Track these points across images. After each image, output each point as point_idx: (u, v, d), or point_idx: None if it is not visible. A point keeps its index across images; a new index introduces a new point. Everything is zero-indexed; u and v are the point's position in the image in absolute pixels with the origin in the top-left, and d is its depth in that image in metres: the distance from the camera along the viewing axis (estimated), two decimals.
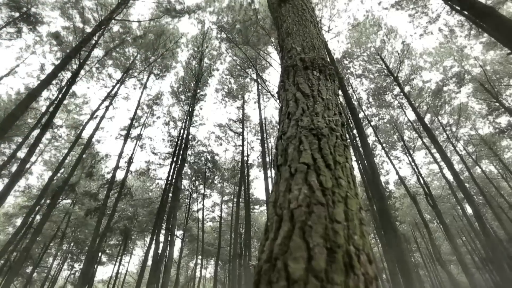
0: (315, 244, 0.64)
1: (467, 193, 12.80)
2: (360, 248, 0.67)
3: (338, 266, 0.61)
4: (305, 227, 0.67)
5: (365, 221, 0.78)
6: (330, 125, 1.02)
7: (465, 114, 24.24)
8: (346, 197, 0.77)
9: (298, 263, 0.61)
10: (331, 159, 0.87)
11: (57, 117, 22.61)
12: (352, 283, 0.59)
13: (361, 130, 11.84)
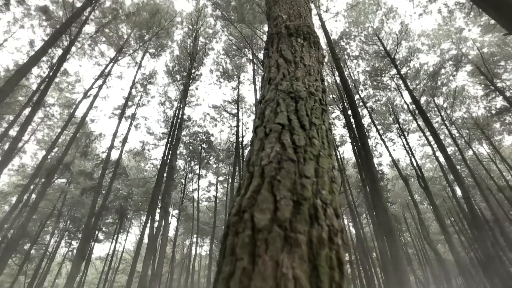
0: (282, 197, 0.65)
1: (457, 175, 13.05)
2: (328, 203, 0.68)
3: (303, 217, 0.62)
4: (274, 181, 0.68)
5: (337, 179, 0.79)
6: (310, 90, 1.02)
7: (461, 97, 24.28)
8: (318, 155, 0.78)
9: (264, 214, 0.63)
10: (306, 121, 0.87)
11: (49, 96, 22.20)
12: (316, 232, 0.61)
13: (356, 112, 11.84)
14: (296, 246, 0.57)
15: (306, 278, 0.54)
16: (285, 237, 0.59)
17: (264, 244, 0.58)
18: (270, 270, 0.54)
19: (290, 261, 0.55)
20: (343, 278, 0.59)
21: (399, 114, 25.85)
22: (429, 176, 28.80)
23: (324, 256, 0.58)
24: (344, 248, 0.67)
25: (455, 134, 25.38)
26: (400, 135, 24.68)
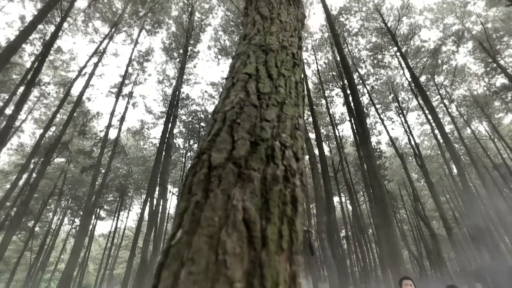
0: (240, 138, 0.65)
1: (454, 152, 13.14)
2: (287, 145, 0.69)
3: (259, 156, 0.63)
4: (234, 124, 0.69)
5: (301, 127, 0.79)
6: (283, 44, 1.00)
7: (461, 75, 23.98)
8: (282, 103, 0.78)
9: (221, 153, 0.64)
10: (275, 71, 0.86)
11: (44, 74, 21.84)
12: (271, 170, 0.62)
13: (354, 89, 11.73)
14: (249, 182, 0.58)
15: (256, 210, 0.56)
16: (239, 173, 0.60)
17: (217, 179, 0.59)
18: (220, 202, 0.56)
19: (241, 195, 0.56)
20: (296, 214, 0.61)
21: (398, 93, 25.63)
22: (426, 154, 28.98)
23: (277, 191, 0.59)
24: (302, 188, 0.68)
25: (454, 112, 25.30)
26: (399, 114, 24.61)
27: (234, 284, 0.46)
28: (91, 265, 41.17)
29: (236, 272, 0.47)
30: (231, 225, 0.52)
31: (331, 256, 9.84)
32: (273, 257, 0.52)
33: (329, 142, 30.06)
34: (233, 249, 0.50)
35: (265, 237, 0.52)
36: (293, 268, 0.55)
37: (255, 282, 0.47)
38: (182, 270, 0.49)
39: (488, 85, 23.18)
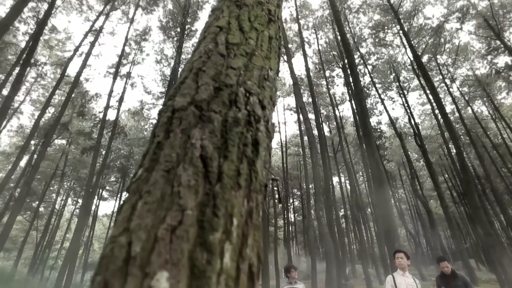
0: (203, 83, 0.66)
1: (453, 131, 13.12)
2: (252, 92, 0.69)
3: (221, 99, 0.64)
4: (199, 72, 0.69)
5: (272, 79, 0.80)
6: (260, 0, 0.99)
7: (464, 54, 23.54)
8: (252, 54, 0.78)
9: (184, 98, 0.64)
10: (247, 25, 0.85)
11: (40, 54, 21.51)
12: (233, 113, 0.63)
13: (353, 67, 11.56)
14: (209, 122, 0.60)
15: (214, 148, 0.57)
16: (200, 116, 0.61)
17: (178, 121, 0.60)
18: (180, 141, 0.57)
19: (200, 134, 0.58)
20: (257, 156, 0.63)
21: (400, 72, 25.26)
22: (426, 134, 28.95)
23: (237, 133, 0.61)
24: (267, 135, 0.69)
25: (455, 92, 25.03)
26: (400, 94, 24.38)
27: (185, 211, 0.48)
28: (96, 244, 42.28)
29: (189, 202, 0.49)
30: (188, 161, 0.54)
31: (328, 233, 10.07)
32: (229, 191, 0.53)
33: (329, 123, 30.00)
34: (187, 182, 0.51)
35: (221, 172, 0.54)
36: (251, 204, 0.57)
37: (208, 211, 0.49)
38: (139, 201, 0.51)
39: (491, 64, 22.78)
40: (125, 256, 0.44)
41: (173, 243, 0.45)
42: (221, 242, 0.48)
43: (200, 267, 0.44)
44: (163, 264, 0.43)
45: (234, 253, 0.49)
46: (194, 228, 0.47)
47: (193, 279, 0.43)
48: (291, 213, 37.46)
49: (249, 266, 0.52)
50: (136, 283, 0.41)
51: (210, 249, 0.46)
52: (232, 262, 0.48)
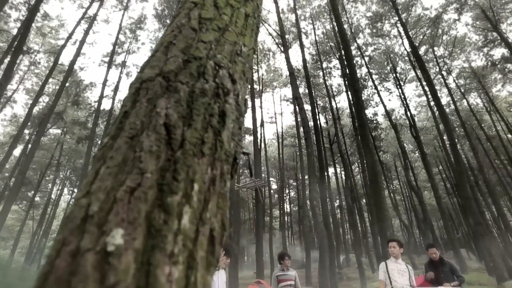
0: (172, 55, 0.67)
1: (447, 122, 13.21)
2: (223, 66, 0.70)
3: (189, 71, 0.65)
4: (170, 45, 0.70)
5: (245, 55, 0.80)
6: None
7: (461, 46, 23.50)
8: (225, 29, 0.78)
9: (153, 69, 0.65)
10: (222, 1, 0.86)
11: (33, 42, 21.13)
12: (200, 85, 0.64)
13: (350, 57, 11.51)
14: (175, 93, 0.61)
15: (179, 117, 0.58)
16: (167, 86, 0.62)
17: (145, 91, 0.61)
18: (145, 110, 0.58)
19: (166, 103, 0.59)
20: (223, 126, 0.64)
21: (397, 63, 25.21)
22: (422, 125, 29.11)
23: (203, 103, 0.62)
24: (237, 108, 0.70)
25: (451, 84, 25.08)
26: (397, 85, 24.39)
27: (145, 174, 0.49)
28: None
29: (150, 166, 0.51)
30: (152, 128, 0.55)
31: (321, 222, 10.20)
32: (191, 158, 0.55)
33: (325, 114, 30.00)
34: (149, 147, 0.53)
35: (184, 139, 0.55)
36: (214, 172, 0.58)
37: (168, 175, 0.51)
38: (102, 167, 0.53)
39: (487, 56, 22.80)
40: (83, 216, 0.46)
41: (131, 203, 0.46)
42: (180, 205, 0.49)
43: (156, 227, 0.46)
44: (119, 222, 0.44)
45: (194, 216, 0.51)
46: (153, 191, 0.49)
47: (149, 237, 0.45)
48: (286, 204, 37.76)
49: (210, 230, 0.54)
50: (92, 239, 0.43)
51: (168, 210, 0.47)
52: (191, 224, 0.50)
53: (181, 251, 0.47)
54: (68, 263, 0.42)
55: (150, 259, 0.43)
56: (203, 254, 0.50)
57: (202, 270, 0.49)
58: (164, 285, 0.42)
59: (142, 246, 0.43)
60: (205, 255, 0.51)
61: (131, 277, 0.41)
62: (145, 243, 0.44)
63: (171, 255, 0.45)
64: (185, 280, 0.46)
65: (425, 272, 5.41)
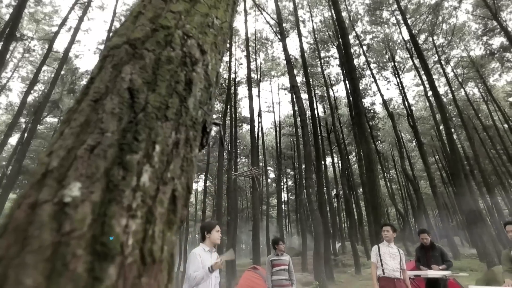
0: (140, 24, 0.67)
1: (443, 111, 13.24)
2: (191, 36, 0.71)
3: (156, 39, 0.66)
4: (139, 15, 0.70)
5: (217, 27, 0.81)
6: None
7: (460, 34, 23.32)
8: (196, 1, 0.79)
9: (120, 38, 0.66)
10: None
11: (26, 28, 20.77)
12: (167, 53, 0.65)
13: (347, 45, 11.42)
14: (141, 59, 0.62)
15: (144, 83, 0.59)
16: (133, 53, 0.63)
17: (111, 57, 0.62)
18: (110, 75, 0.59)
19: (131, 69, 0.60)
20: (189, 94, 0.65)
21: (395, 52, 25.04)
22: (420, 115, 29.16)
23: (169, 70, 0.63)
24: (205, 78, 0.72)
25: (449, 73, 25.00)
26: (395, 74, 24.29)
27: (106, 134, 0.51)
28: None
29: (111, 127, 0.52)
30: (116, 92, 0.57)
31: (317, 210, 10.32)
32: (153, 121, 0.56)
33: (323, 103, 29.93)
34: (111, 109, 0.54)
35: (147, 103, 0.57)
36: (178, 136, 0.60)
37: (128, 135, 0.53)
38: (66, 128, 0.54)
39: (486, 45, 22.66)
40: (44, 171, 0.48)
41: (90, 160, 0.48)
42: (140, 164, 0.51)
43: (115, 182, 0.48)
44: (78, 177, 0.46)
45: (155, 175, 0.53)
46: (113, 149, 0.50)
47: (107, 192, 0.47)
48: (284, 192, 38.05)
49: (172, 190, 0.56)
50: (50, 192, 0.45)
51: (127, 168, 0.49)
52: (152, 183, 0.52)
53: (140, 207, 0.49)
54: (26, 214, 0.44)
55: (107, 211, 0.45)
56: (163, 211, 0.53)
57: (161, 225, 0.52)
58: (120, 234, 0.44)
59: (100, 199, 0.46)
60: (166, 212, 0.54)
61: (87, 226, 0.43)
62: (103, 196, 0.46)
63: (129, 209, 0.47)
64: (143, 233, 0.48)
65: (415, 256, 5.55)
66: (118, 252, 0.43)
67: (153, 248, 0.49)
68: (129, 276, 0.44)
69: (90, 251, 0.42)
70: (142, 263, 0.47)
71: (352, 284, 11.22)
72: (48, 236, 0.41)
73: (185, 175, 0.61)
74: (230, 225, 16.00)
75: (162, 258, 0.51)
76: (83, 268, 0.40)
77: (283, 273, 4.96)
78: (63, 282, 0.38)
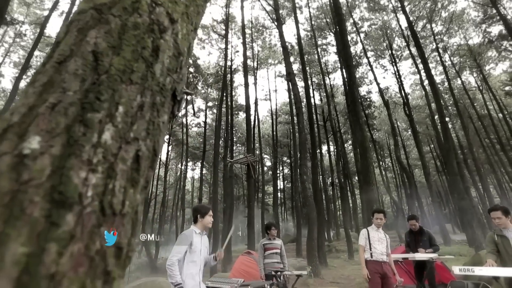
0: None
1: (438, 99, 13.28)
2: (160, 4, 0.72)
3: (122, 5, 0.66)
4: None
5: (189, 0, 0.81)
6: None
7: (459, 22, 23.14)
8: None
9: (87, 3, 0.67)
10: None
11: (17, 12, 20.28)
12: (133, 19, 0.65)
13: (344, 32, 11.32)
14: (106, 24, 0.62)
15: (109, 46, 0.61)
16: (99, 18, 0.64)
17: (77, 22, 0.63)
18: (75, 39, 0.60)
19: (96, 33, 0.61)
20: (156, 59, 0.66)
21: (393, 40, 24.86)
22: (416, 104, 29.22)
23: (135, 36, 0.64)
24: (175, 46, 0.73)
25: (446, 62, 24.93)
26: (392, 62, 24.19)
27: (67, 92, 0.53)
28: None
29: (73, 86, 0.54)
30: (80, 54, 0.58)
31: (311, 196, 10.44)
32: (117, 83, 0.58)
33: (320, 91, 29.84)
34: (74, 71, 0.56)
35: (111, 66, 0.58)
36: (143, 99, 0.62)
37: (91, 95, 0.54)
38: (29, 87, 0.56)
39: (484, 33, 22.54)
40: (5, 126, 0.50)
41: (51, 116, 0.50)
42: (102, 122, 0.53)
43: (75, 138, 0.49)
44: (38, 131, 0.48)
45: (118, 134, 0.55)
46: (75, 107, 0.52)
47: (67, 146, 0.49)
48: (280, 180, 38.34)
49: (136, 150, 0.58)
50: (10, 145, 0.47)
51: (87, 125, 0.51)
52: (114, 141, 0.54)
53: (101, 162, 0.51)
54: None
55: (66, 164, 0.47)
56: (125, 168, 0.55)
57: (122, 181, 0.54)
58: (78, 185, 0.47)
59: (60, 153, 0.48)
60: (128, 170, 0.56)
61: (45, 176, 0.45)
62: (63, 151, 0.48)
63: (89, 163, 0.49)
64: (104, 187, 0.50)
65: (405, 240, 5.70)
66: (76, 201, 0.46)
67: (113, 201, 0.51)
68: (88, 224, 0.46)
69: (48, 199, 0.44)
70: (102, 214, 0.49)
71: (344, 268, 11.48)
72: (7, 184, 0.43)
73: (151, 138, 0.63)
74: (226, 212, 16.17)
75: (124, 212, 0.54)
76: (40, 213, 0.43)
77: (275, 256, 5.08)
78: (19, 225, 0.41)
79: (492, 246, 3.24)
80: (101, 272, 0.47)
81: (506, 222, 3.12)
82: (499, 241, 3.17)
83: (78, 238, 0.45)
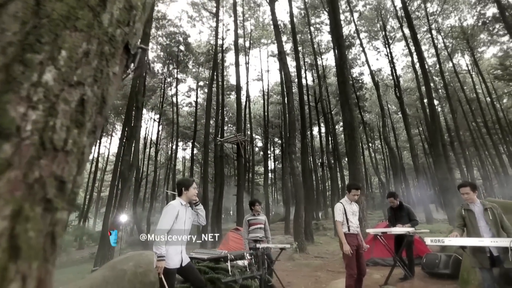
0: None
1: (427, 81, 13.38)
2: None
3: None
4: None
5: None
6: None
7: (454, 2, 22.93)
8: None
9: None
10: None
11: None
12: None
13: (335, 9, 11.13)
14: None
15: None
16: None
17: None
18: None
19: None
20: (104, 9, 0.68)
21: (387, 21, 24.58)
22: (407, 86, 29.35)
23: None
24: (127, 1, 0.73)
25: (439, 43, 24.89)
26: (385, 44, 24.04)
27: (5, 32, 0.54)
28: None
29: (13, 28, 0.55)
30: None
31: (299, 175, 10.63)
32: (59, 28, 0.59)
33: (312, 72, 29.62)
34: (14, 13, 0.57)
35: (53, 10, 0.59)
36: (89, 47, 0.64)
37: (31, 37, 0.56)
38: None
39: (479, 15, 22.44)
40: None
41: None
42: (43, 63, 0.55)
43: (13, 76, 0.52)
44: None
45: (60, 77, 0.57)
46: (14, 48, 0.54)
47: (6, 83, 0.51)
48: (271, 161, 38.66)
49: (81, 94, 0.61)
50: None
51: (27, 64, 0.53)
52: (55, 82, 0.56)
53: (42, 101, 0.54)
54: None
55: (3, 98, 0.50)
56: (67, 109, 0.58)
57: (64, 120, 0.57)
58: (16, 119, 0.49)
59: None
60: (72, 112, 0.59)
61: None
62: (0, 87, 0.50)
63: (28, 100, 0.52)
64: (44, 123, 0.53)
65: (386, 215, 5.97)
66: (14, 133, 0.49)
67: (53, 137, 0.54)
68: (26, 154, 0.50)
69: None
70: (42, 148, 0.52)
71: (330, 244, 11.91)
72: None
73: (99, 85, 0.66)
74: (216, 191, 16.38)
75: (67, 149, 0.57)
76: None
77: (259, 231, 5.24)
78: None
79: (460, 221, 3.45)
80: (40, 199, 0.51)
81: (473, 197, 3.33)
82: (465, 214, 3.38)
83: (15, 166, 0.48)
